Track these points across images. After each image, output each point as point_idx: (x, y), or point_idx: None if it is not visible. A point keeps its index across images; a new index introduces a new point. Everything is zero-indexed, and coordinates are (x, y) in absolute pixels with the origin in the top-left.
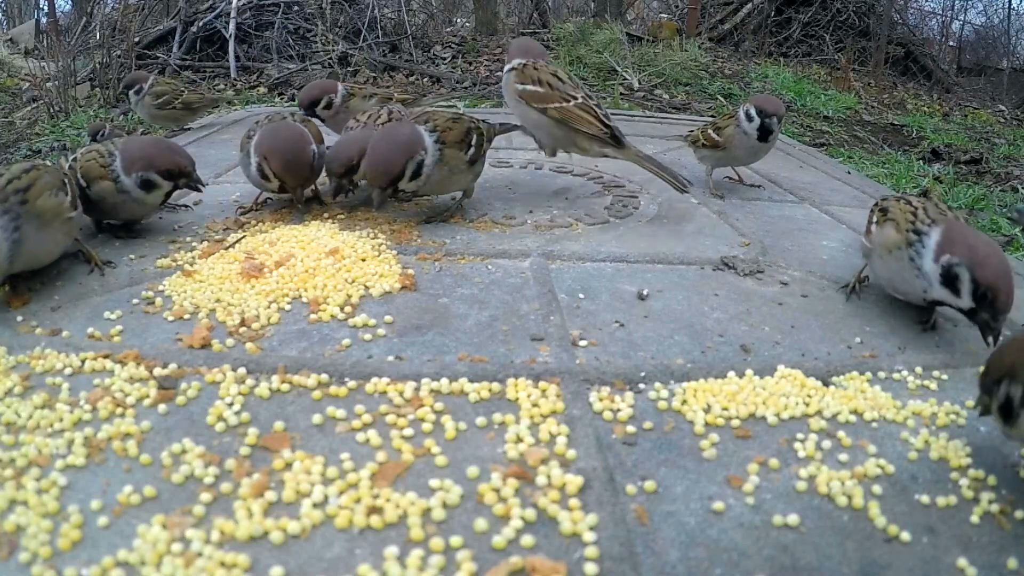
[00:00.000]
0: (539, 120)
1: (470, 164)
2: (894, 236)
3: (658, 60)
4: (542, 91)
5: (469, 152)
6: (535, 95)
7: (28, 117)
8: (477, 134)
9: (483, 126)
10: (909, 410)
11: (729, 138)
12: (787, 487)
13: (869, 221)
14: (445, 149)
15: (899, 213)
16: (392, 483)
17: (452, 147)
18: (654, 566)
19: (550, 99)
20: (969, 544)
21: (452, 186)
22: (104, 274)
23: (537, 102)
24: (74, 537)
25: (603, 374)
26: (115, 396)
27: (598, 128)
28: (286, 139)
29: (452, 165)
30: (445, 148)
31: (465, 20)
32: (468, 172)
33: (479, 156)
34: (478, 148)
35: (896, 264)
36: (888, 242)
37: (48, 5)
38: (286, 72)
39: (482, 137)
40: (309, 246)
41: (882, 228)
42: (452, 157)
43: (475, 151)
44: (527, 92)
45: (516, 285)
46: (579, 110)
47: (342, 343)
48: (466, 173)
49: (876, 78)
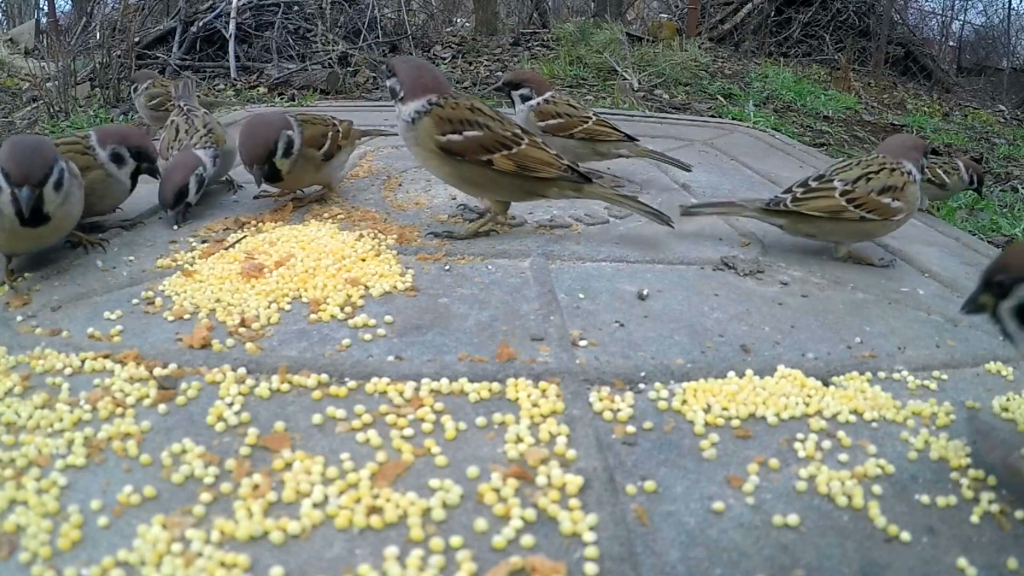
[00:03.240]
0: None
1: (325, 159)
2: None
3: (658, 60)
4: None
5: (323, 148)
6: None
7: (28, 117)
8: (334, 132)
9: (343, 126)
10: (909, 410)
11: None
12: (787, 487)
13: (863, 205)
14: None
15: (897, 177)
16: (392, 483)
17: (309, 142)
18: (654, 566)
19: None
20: (969, 544)
21: (314, 179)
22: (105, 250)
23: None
24: (74, 537)
25: (603, 374)
26: (115, 396)
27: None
28: (252, 123)
29: (309, 157)
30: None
31: (465, 20)
32: (325, 166)
33: (333, 153)
34: (332, 143)
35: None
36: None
37: (48, 5)
38: (286, 72)
39: (338, 135)
40: (309, 246)
41: (908, 190)
42: (309, 153)
43: (330, 146)
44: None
45: (516, 285)
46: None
47: (342, 343)
48: (324, 167)
49: (876, 78)
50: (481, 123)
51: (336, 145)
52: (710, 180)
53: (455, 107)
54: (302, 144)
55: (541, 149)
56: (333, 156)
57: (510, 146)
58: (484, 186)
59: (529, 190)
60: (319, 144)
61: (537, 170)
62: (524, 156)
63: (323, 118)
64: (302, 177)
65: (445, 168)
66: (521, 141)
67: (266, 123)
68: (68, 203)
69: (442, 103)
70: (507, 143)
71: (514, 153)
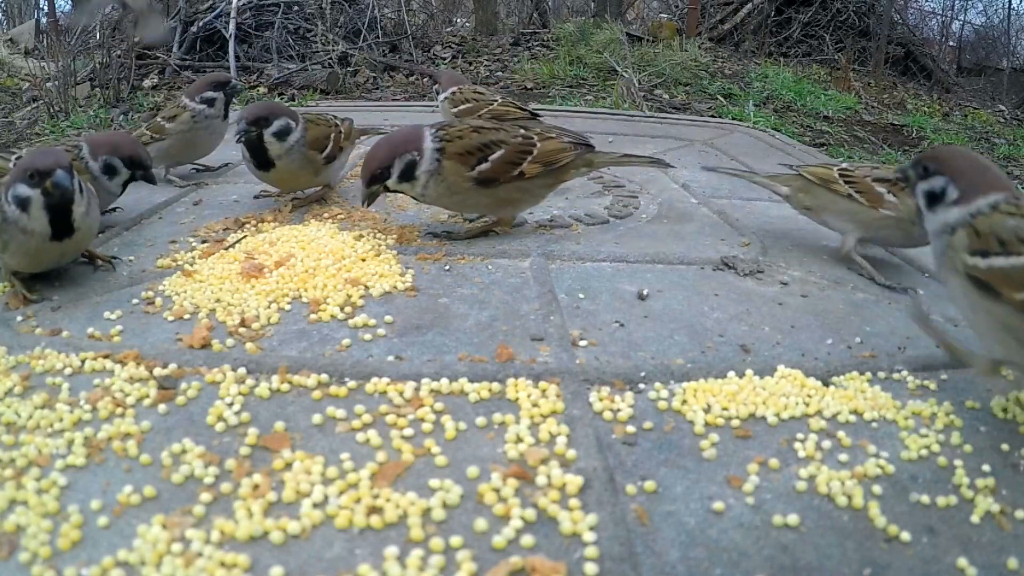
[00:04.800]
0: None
1: (327, 162)
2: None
3: (658, 60)
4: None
5: (326, 151)
6: None
7: (28, 117)
8: (336, 134)
9: (345, 127)
10: (909, 410)
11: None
12: (787, 487)
13: (864, 193)
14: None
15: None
16: (392, 483)
17: (312, 144)
18: (654, 566)
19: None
20: (969, 544)
21: (314, 180)
22: (114, 268)
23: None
24: (74, 537)
25: (603, 374)
26: (115, 396)
27: None
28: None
29: (311, 159)
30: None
31: (465, 20)
32: (327, 168)
33: (336, 155)
34: (335, 145)
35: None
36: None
37: (48, 5)
38: (286, 72)
39: (340, 136)
40: (309, 246)
41: (903, 197)
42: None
43: (332, 149)
44: None
45: (516, 285)
46: None
47: (342, 343)
48: (325, 169)
49: (876, 78)
50: (496, 141)
51: (338, 147)
52: (710, 180)
53: (461, 136)
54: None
55: (551, 139)
56: (336, 158)
57: (530, 150)
58: (519, 200)
59: (554, 183)
60: (322, 147)
61: (559, 160)
62: (545, 153)
63: (326, 119)
64: (303, 178)
65: (483, 200)
66: (533, 139)
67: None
68: (90, 216)
69: (448, 137)
70: (527, 148)
71: (537, 156)
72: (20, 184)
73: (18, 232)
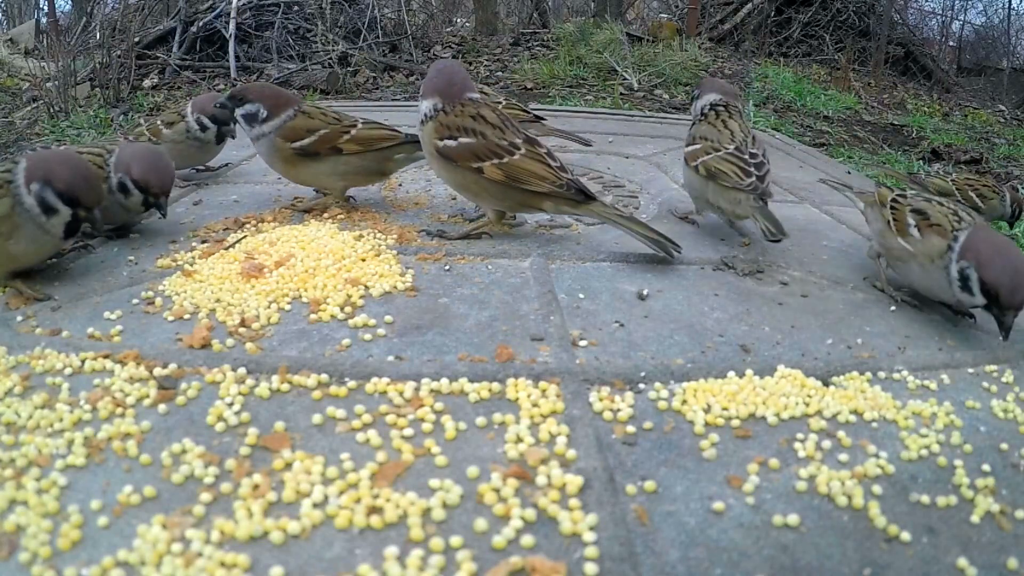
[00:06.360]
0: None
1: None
2: (939, 244)
3: (658, 60)
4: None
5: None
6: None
7: (28, 117)
8: (332, 132)
9: (358, 131)
10: (909, 410)
11: None
12: (787, 487)
13: (896, 220)
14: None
15: (942, 218)
16: (392, 483)
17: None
18: (654, 566)
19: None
20: (969, 544)
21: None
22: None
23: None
24: (74, 537)
25: (603, 374)
26: (115, 396)
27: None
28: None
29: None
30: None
31: (465, 20)
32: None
33: (323, 153)
34: (321, 142)
35: (937, 273)
36: (934, 251)
37: (48, 5)
38: (286, 72)
39: (336, 136)
40: (309, 246)
41: (927, 236)
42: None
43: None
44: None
45: (516, 285)
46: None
47: (342, 343)
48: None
49: (876, 78)
50: (478, 131)
51: (330, 146)
52: None
53: (459, 114)
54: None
55: (538, 161)
56: (322, 156)
57: (502, 155)
58: (478, 193)
59: (521, 201)
60: (297, 138)
61: (528, 182)
62: (514, 167)
63: (327, 114)
64: (276, 165)
65: (444, 172)
66: (516, 151)
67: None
68: None
69: (447, 110)
70: (500, 152)
71: (504, 163)
72: (53, 196)
73: (33, 226)
